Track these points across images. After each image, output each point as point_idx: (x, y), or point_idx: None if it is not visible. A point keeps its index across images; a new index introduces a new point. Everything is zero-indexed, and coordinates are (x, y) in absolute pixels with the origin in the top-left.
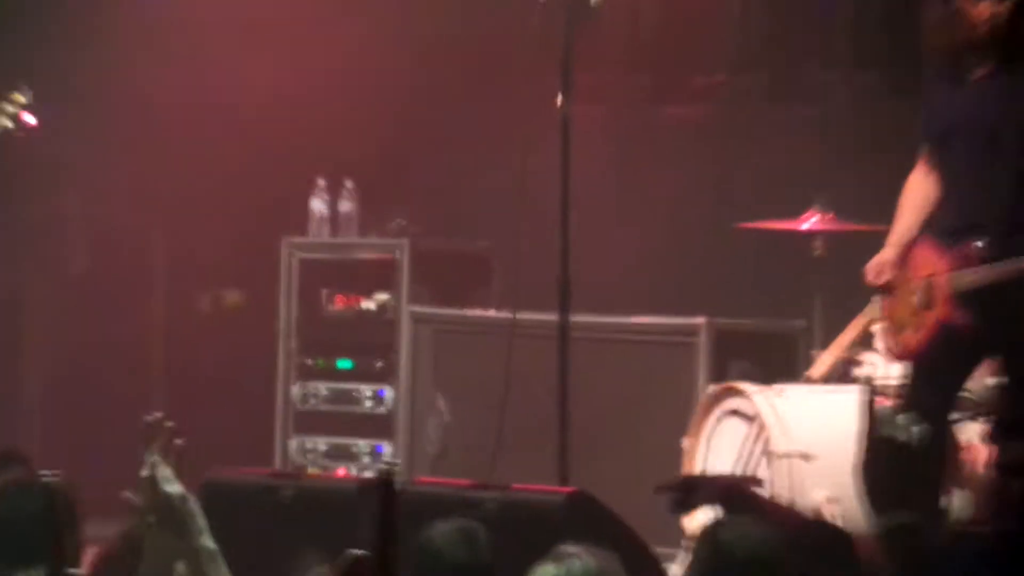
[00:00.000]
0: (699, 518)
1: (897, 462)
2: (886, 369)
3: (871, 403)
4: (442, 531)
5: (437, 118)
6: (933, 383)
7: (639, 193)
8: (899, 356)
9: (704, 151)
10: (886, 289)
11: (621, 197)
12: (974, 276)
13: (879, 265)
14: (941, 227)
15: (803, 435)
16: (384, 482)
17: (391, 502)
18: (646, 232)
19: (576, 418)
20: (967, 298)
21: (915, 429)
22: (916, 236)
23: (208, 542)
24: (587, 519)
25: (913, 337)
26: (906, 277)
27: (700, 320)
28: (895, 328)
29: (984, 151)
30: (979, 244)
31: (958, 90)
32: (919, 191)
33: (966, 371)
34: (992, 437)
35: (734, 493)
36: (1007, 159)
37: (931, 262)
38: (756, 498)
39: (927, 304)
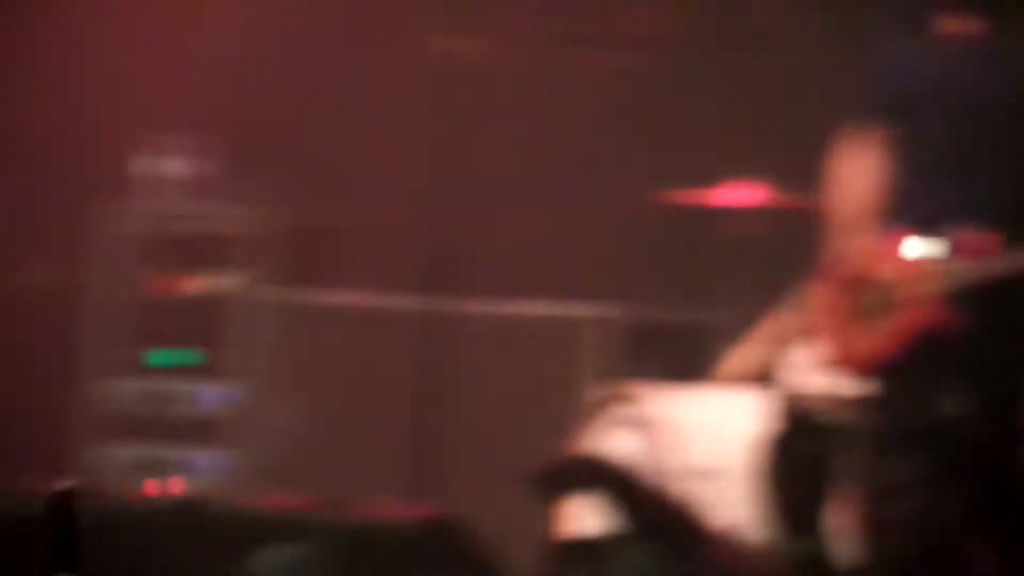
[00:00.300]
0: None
1: (810, 479)
2: (812, 372)
3: (789, 410)
4: (268, 563)
5: (297, 67)
6: (903, 399)
7: (538, 157)
8: (863, 371)
9: (619, 108)
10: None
11: (515, 162)
12: (974, 270)
13: (863, 256)
14: (914, 214)
15: (707, 448)
16: (59, 505)
17: (68, 529)
18: (540, 205)
19: (445, 422)
20: (959, 298)
21: (834, 439)
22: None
23: None
24: (445, 549)
25: (887, 346)
26: (862, 271)
27: (592, 309)
28: (846, 332)
29: (980, 123)
30: (977, 233)
31: (936, 44)
32: (867, 170)
33: (941, 386)
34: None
35: (604, 473)
36: (1013, 132)
37: (899, 255)
38: (628, 478)
39: (892, 304)
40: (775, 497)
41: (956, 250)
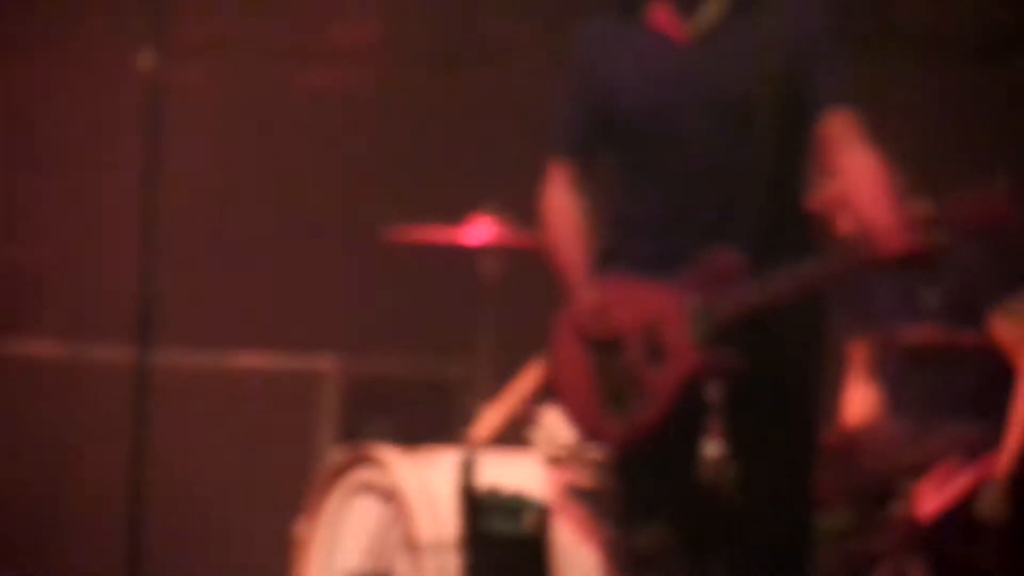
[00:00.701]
0: None
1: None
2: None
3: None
4: None
5: None
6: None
7: (256, 188)
8: (621, 441)
9: (349, 130)
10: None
11: (231, 194)
12: (736, 301)
13: (599, 308)
14: (643, 251)
15: (458, 517)
16: None
17: None
18: (263, 243)
19: (154, 492)
20: (724, 335)
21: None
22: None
23: None
24: None
25: (646, 410)
26: (595, 327)
27: (327, 362)
28: (605, 403)
29: (718, 128)
30: (731, 256)
31: (665, 49)
32: (576, 207)
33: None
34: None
35: None
36: (758, 136)
37: (640, 300)
38: None
39: (655, 358)
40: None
41: (701, 282)
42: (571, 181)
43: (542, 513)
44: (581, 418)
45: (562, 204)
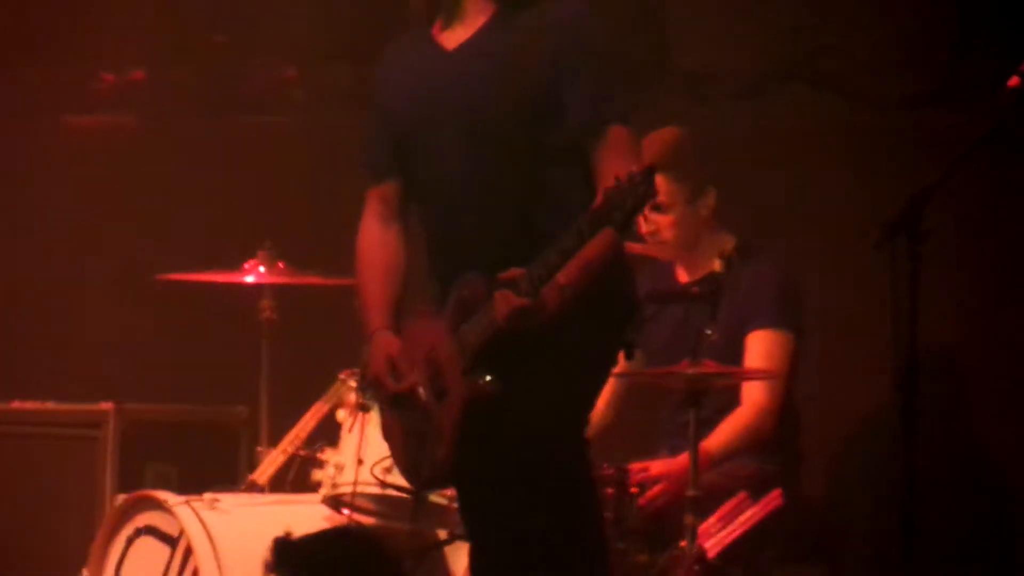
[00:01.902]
0: None
1: None
2: (355, 473)
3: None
4: None
5: None
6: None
7: (19, 233)
8: (429, 482)
9: (121, 173)
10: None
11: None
12: (475, 331)
13: (389, 361)
14: (434, 271)
15: (246, 562)
16: None
17: None
18: (27, 284)
19: None
20: (487, 359)
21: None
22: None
23: None
24: None
25: (440, 448)
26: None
27: (106, 406)
28: (415, 450)
29: (481, 147)
30: (473, 284)
31: (427, 64)
32: (383, 244)
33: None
34: None
35: None
36: (514, 152)
37: (423, 343)
38: None
39: (440, 394)
40: None
41: (455, 314)
42: (382, 209)
43: None
44: (403, 469)
45: (369, 241)
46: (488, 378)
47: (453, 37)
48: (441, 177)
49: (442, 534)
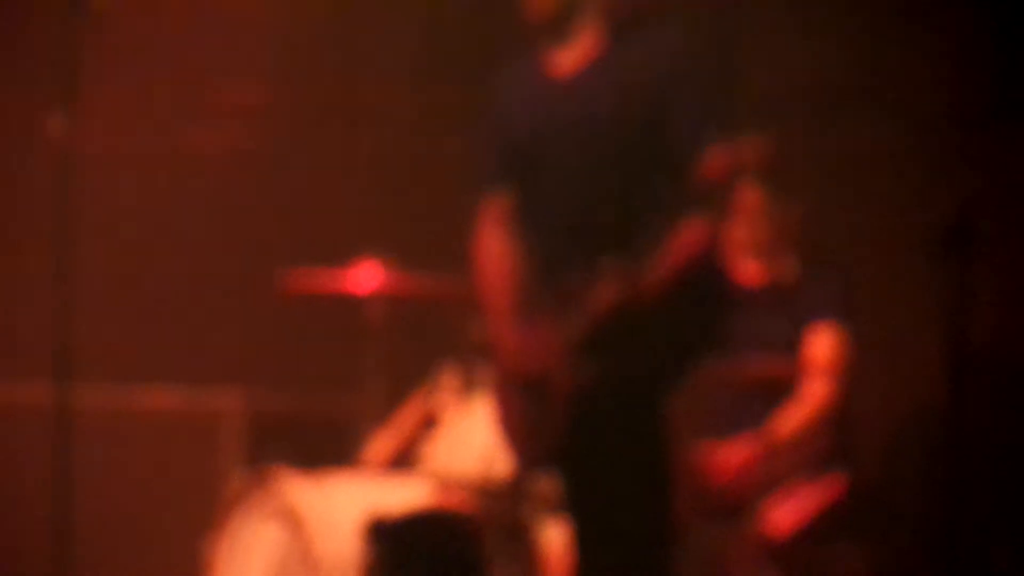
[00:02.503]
0: None
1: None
2: (455, 457)
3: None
4: None
5: None
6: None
7: (159, 238)
8: (538, 465)
9: (239, 186)
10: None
11: (137, 242)
12: (577, 323)
13: (518, 355)
14: (540, 276)
15: (352, 536)
16: None
17: None
18: (167, 288)
19: (79, 517)
20: (586, 352)
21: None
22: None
23: None
24: None
25: (545, 432)
26: (510, 371)
27: (233, 398)
28: (525, 435)
29: (592, 161)
30: (580, 280)
31: (541, 87)
32: (505, 254)
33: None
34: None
35: None
36: (605, 171)
37: (533, 334)
38: None
39: (547, 383)
40: None
41: (561, 311)
42: (503, 214)
43: None
44: (514, 435)
45: (491, 247)
46: (589, 368)
47: (566, 60)
48: (561, 189)
49: (530, 516)
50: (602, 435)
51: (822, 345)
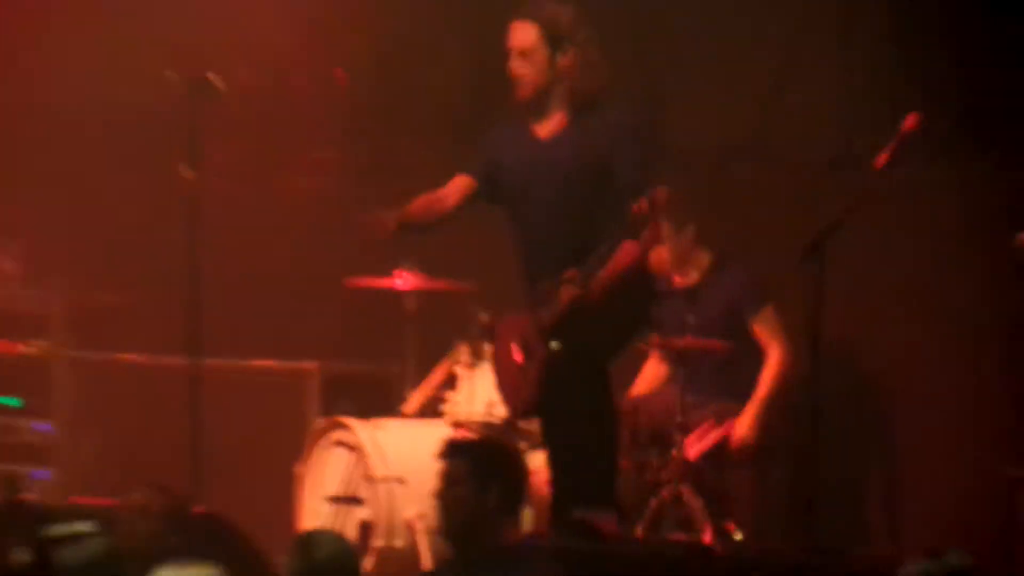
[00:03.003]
0: None
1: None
2: (468, 407)
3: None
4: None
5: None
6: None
7: (263, 254)
8: (524, 412)
9: (319, 216)
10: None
11: (246, 256)
12: (545, 318)
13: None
14: (525, 279)
15: (398, 461)
16: None
17: None
18: (268, 287)
19: (207, 448)
20: (548, 337)
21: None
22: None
23: None
24: (213, 535)
25: (528, 389)
26: (505, 345)
27: (312, 364)
28: (515, 391)
29: (553, 204)
30: (551, 283)
31: (526, 147)
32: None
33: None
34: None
35: None
36: (569, 208)
37: (520, 320)
38: None
39: (529, 355)
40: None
41: (536, 306)
42: (455, 185)
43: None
44: (508, 391)
45: (438, 194)
46: (556, 344)
47: (542, 128)
48: (538, 217)
49: (523, 446)
50: (566, 389)
51: (765, 325)
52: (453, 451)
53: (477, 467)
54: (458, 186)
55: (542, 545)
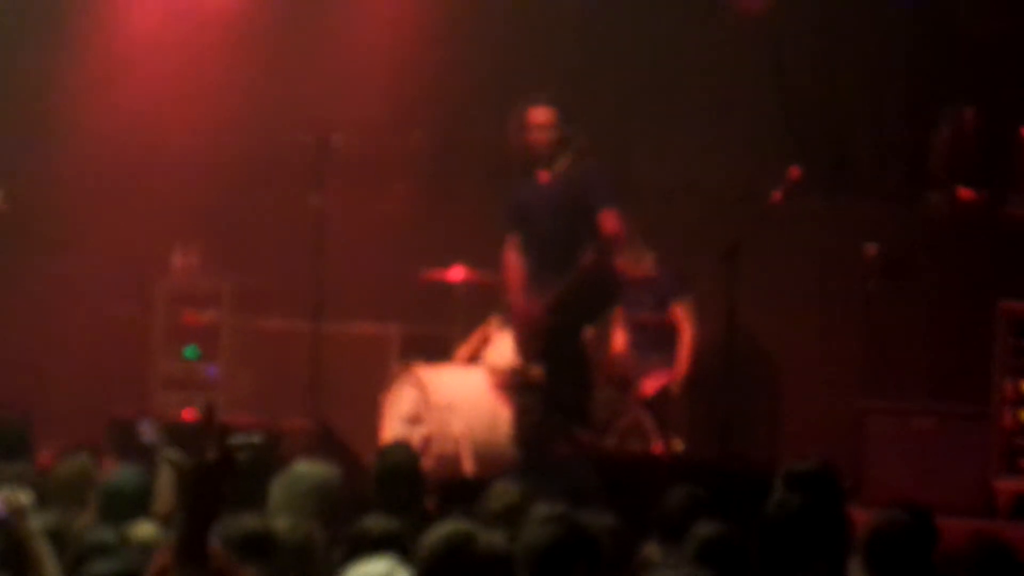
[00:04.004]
0: None
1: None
2: (498, 357)
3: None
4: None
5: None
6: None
7: (365, 256)
8: (532, 360)
9: (399, 230)
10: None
11: (355, 258)
12: (546, 299)
13: (534, 316)
14: (529, 280)
15: (449, 393)
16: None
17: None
18: (366, 278)
19: (324, 386)
20: (549, 311)
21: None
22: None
23: None
24: (329, 444)
25: (534, 345)
26: (520, 323)
27: (395, 328)
28: (530, 345)
29: (551, 226)
30: (545, 286)
31: (532, 189)
32: (517, 265)
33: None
34: None
35: None
36: (562, 228)
37: (530, 306)
38: None
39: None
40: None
41: (540, 294)
42: (516, 246)
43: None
44: (522, 347)
45: (513, 261)
46: (553, 317)
47: (544, 175)
48: (540, 237)
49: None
50: (557, 345)
51: (682, 314)
52: (527, 390)
53: (543, 402)
54: (514, 243)
55: (583, 457)
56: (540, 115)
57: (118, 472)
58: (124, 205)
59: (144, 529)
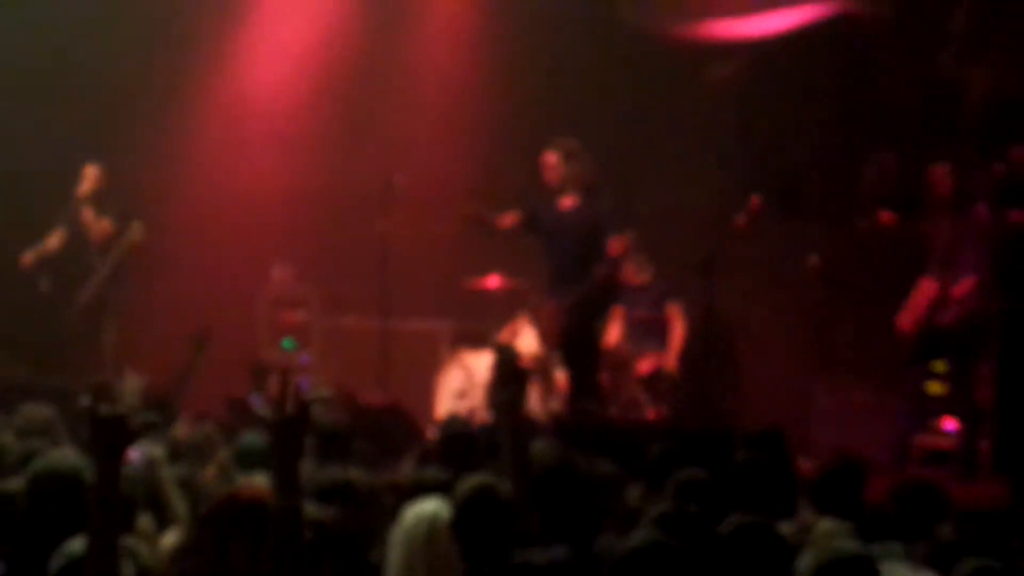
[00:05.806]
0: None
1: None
2: (526, 345)
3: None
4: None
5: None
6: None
7: (424, 271)
8: (553, 348)
9: (449, 247)
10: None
11: (416, 272)
12: (565, 302)
13: (548, 311)
14: (549, 287)
15: (487, 374)
16: None
17: None
18: (424, 287)
19: (391, 368)
20: (567, 312)
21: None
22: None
23: None
24: (394, 417)
25: (555, 337)
26: (542, 320)
27: (446, 324)
28: (550, 338)
29: (570, 246)
30: (563, 292)
31: (555, 212)
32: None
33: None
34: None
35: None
36: (578, 248)
37: (551, 308)
38: None
39: (555, 320)
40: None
41: (559, 299)
42: (511, 216)
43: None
44: (545, 337)
45: (503, 221)
46: (572, 316)
47: (565, 203)
48: (558, 253)
49: (552, 366)
50: (575, 336)
51: (675, 312)
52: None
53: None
54: (512, 215)
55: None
56: (547, 158)
57: (247, 435)
58: (234, 232)
59: (259, 479)
